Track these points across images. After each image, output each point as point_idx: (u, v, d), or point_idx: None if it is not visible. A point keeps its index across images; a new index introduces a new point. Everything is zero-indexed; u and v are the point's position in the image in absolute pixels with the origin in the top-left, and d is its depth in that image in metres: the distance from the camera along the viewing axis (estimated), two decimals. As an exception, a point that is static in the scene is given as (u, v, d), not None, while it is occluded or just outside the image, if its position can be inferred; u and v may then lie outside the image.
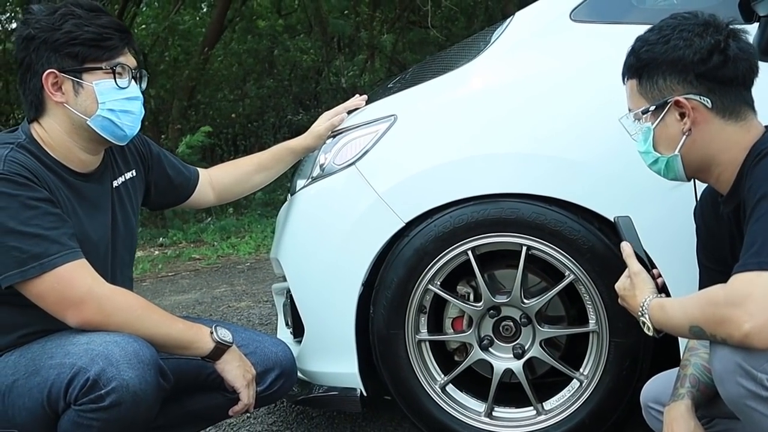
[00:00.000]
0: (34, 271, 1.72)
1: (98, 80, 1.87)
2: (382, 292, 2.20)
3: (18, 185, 1.74)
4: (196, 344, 1.88)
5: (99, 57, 1.86)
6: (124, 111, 1.90)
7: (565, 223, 2.05)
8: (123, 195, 2.07)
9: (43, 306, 1.77)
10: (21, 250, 1.72)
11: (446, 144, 2.16)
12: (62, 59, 1.84)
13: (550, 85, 2.12)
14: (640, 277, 1.70)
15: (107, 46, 1.87)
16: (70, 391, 1.67)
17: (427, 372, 2.24)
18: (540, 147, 2.07)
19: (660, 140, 1.62)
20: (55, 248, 1.74)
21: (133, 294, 1.86)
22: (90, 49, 1.85)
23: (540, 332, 2.18)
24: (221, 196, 2.42)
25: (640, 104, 1.64)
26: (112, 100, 1.88)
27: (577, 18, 2.12)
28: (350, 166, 2.23)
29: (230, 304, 4.84)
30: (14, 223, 1.72)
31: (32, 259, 1.72)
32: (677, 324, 1.54)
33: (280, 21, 13.71)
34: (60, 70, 1.84)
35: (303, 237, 2.34)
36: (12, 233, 1.72)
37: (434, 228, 2.13)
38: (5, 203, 1.72)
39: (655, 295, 1.64)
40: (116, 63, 1.88)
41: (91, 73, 1.86)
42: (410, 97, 2.29)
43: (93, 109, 1.87)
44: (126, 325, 1.77)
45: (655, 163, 1.65)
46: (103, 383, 1.64)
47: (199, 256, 6.90)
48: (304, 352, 2.33)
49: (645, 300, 1.65)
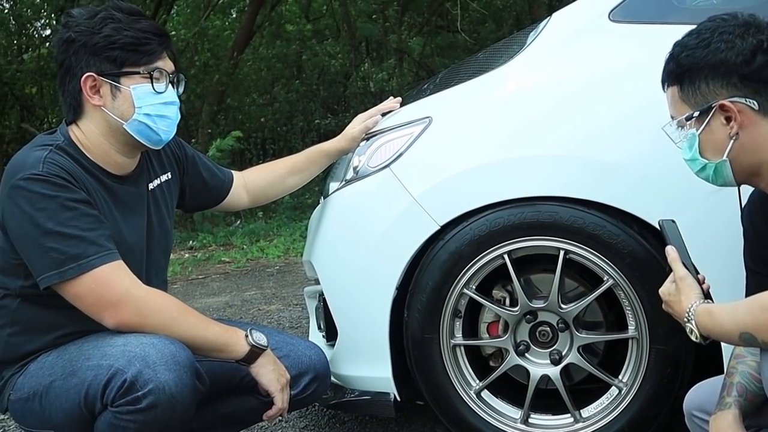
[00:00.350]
0: (72, 272, 1.73)
1: (135, 84, 1.87)
2: (417, 295, 2.17)
3: (57, 186, 1.75)
4: (231, 347, 1.87)
5: (137, 61, 1.87)
6: (161, 116, 1.90)
7: (604, 226, 2.01)
8: (158, 197, 2.07)
9: (80, 307, 1.77)
10: (59, 251, 1.72)
11: (483, 146, 2.13)
12: (101, 63, 1.84)
13: (589, 86, 2.08)
14: (686, 281, 1.64)
15: (145, 50, 1.87)
16: (107, 392, 1.67)
17: (462, 377, 2.22)
18: (578, 149, 2.04)
19: (706, 146, 1.57)
20: (93, 249, 1.75)
21: (169, 296, 1.86)
22: (128, 54, 1.85)
23: (578, 338, 2.14)
24: (255, 198, 2.42)
25: (682, 111, 1.59)
26: (149, 104, 1.88)
27: (615, 18, 2.08)
28: (385, 169, 2.22)
29: (260, 307, 4.84)
30: (53, 224, 1.72)
31: (70, 260, 1.73)
32: (726, 330, 1.50)
33: (309, 26, 13.77)
34: (98, 73, 1.85)
35: (336, 240, 2.33)
36: (51, 234, 1.72)
37: (470, 231, 2.11)
38: (44, 204, 1.73)
39: (702, 301, 1.59)
40: (154, 67, 1.88)
41: (128, 77, 1.87)
42: (445, 99, 2.27)
43: (130, 113, 1.88)
44: (162, 326, 1.77)
45: (702, 170, 1.60)
46: (140, 385, 1.64)
47: (229, 259, 6.93)
48: (338, 355, 2.32)
49: (691, 306, 1.60)
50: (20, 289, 1.85)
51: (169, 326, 1.78)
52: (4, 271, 1.88)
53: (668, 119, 1.93)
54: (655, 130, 1.97)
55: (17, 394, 1.87)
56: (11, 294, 1.89)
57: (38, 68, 9.97)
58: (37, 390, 1.82)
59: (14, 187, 1.76)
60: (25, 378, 1.87)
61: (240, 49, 10.91)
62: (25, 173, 1.75)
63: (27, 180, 1.74)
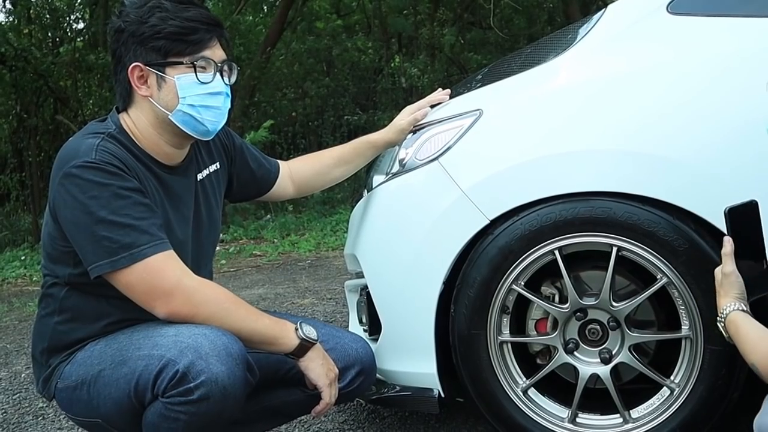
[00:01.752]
0: (124, 261, 1.72)
1: (180, 74, 1.85)
2: (464, 291, 2.14)
3: (110, 174, 1.74)
4: (281, 340, 1.85)
5: (182, 51, 1.85)
6: (205, 106, 1.88)
7: (659, 223, 1.97)
8: (207, 188, 2.06)
9: (131, 296, 1.76)
10: (111, 240, 1.71)
11: (534, 140, 2.09)
12: (147, 53, 1.83)
13: (645, 79, 2.03)
14: (730, 279, 1.67)
15: (191, 40, 1.85)
16: (158, 383, 1.65)
17: (509, 374, 2.18)
18: (633, 144, 1.99)
19: None
20: (145, 238, 1.73)
21: (220, 287, 1.84)
22: (173, 43, 1.83)
23: (629, 337, 2.09)
24: (301, 189, 2.40)
25: None
26: (193, 95, 1.86)
27: (674, 10, 2.03)
28: (433, 162, 2.18)
29: (294, 300, 4.83)
30: (105, 212, 1.71)
31: (123, 249, 1.71)
32: (743, 351, 1.55)
33: (339, 21, 13.76)
34: (145, 63, 1.84)
35: (383, 233, 2.30)
36: (103, 222, 1.71)
37: (520, 226, 2.07)
38: (97, 192, 1.72)
39: (738, 305, 1.62)
40: (199, 57, 1.86)
41: (173, 67, 1.85)
42: (496, 91, 2.23)
43: (174, 103, 1.86)
44: (213, 317, 1.75)
45: None
46: (192, 376, 1.62)
47: (260, 253, 6.95)
48: (381, 350, 2.29)
49: (727, 307, 1.64)
50: (69, 276, 1.84)
51: (220, 317, 1.76)
52: (53, 259, 1.88)
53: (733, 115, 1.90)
54: (715, 126, 1.95)
55: (64, 383, 1.87)
56: (59, 282, 1.89)
57: (73, 60, 10.03)
58: (85, 378, 1.81)
59: (67, 175, 1.75)
60: (72, 366, 1.87)
61: (272, 43, 10.93)
62: (78, 161, 1.74)
63: (80, 168, 1.74)
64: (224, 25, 1.96)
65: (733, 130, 1.92)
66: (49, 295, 1.92)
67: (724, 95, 1.95)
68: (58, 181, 1.77)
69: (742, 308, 1.64)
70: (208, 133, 1.93)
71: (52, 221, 1.83)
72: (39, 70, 9.59)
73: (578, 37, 2.18)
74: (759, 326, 1.59)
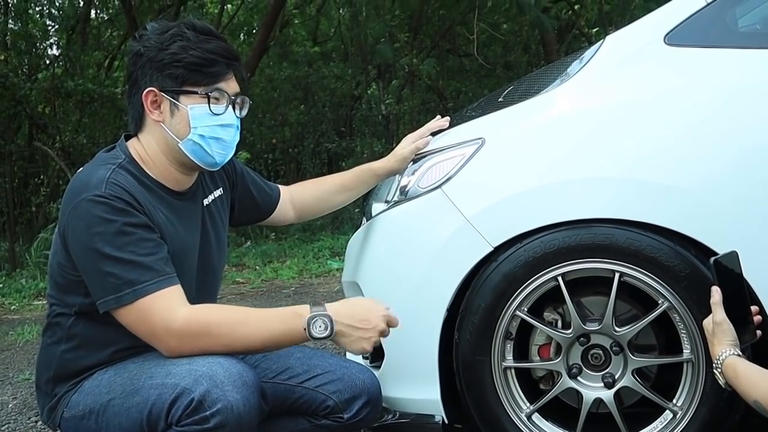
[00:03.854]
0: (128, 297, 1.73)
1: (193, 104, 1.87)
2: (468, 317, 2.16)
3: (116, 210, 1.74)
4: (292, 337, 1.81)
5: (198, 81, 1.87)
6: (215, 138, 1.90)
7: (661, 249, 2.01)
8: (213, 213, 2.08)
9: (134, 331, 1.78)
10: (116, 276, 1.73)
11: (537, 167, 2.12)
12: (163, 79, 1.85)
13: (643, 109, 2.08)
14: (722, 327, 1.72)
15: (209, 72, 1.87)
16: (172, 411, 1.65)
17: (513, 400, 2.20)
18: (635, 171, 2.03)
19: None
20: (150, 275, 1.74)
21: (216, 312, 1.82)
22: (191, 73, 1.85)
23: (632, 361, 2.12)
24: (301, 214, 2.42)
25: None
26: (204, 125, 1.88)
27: (671, 42, 2.09)
28: (436, 189, 2.21)
29: (281, 328, 4.81)
30: (110, 248, 1.73)
31: (126, 285, 1.73)
32: (743, 391, 1.58)
33: (316, 48, 13.82)
34: (160, 89, 1.86)
35: (385, 261, 2.31)
36: (108, 258, 1.73)
37: (524, 253, 2.10)
38: (103, 228, 1.73)
39: (732, 351, 1.67)
40: (214, 88, 1.88)
41: (188, 96, 1.87)
42: (498, 119, 2.27)
43: (185, 132, 1.88)
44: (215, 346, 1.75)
45: None
46: (208, 404, 1.62)
47: (243, 280, 6.91)
48: (384, 377, 2.29)
49: (722, 354, 1.69)
50: (80, 306, 1.85)
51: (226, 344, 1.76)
52: (63, 287, 1.87)
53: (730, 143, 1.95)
54: (713, 153, 2.00)
55: (71, 412, 1.86)
56: (67, 312, 1.88)
57: (52, 87, 9.98)
58: (94, 407, 1.81)
59: (77, 207, 1.76)
60: (80, 395, 1.86)
61: (251, 70, 10.94)
62: (88, 194, 1.75)
63: (89, 201, 1.75)
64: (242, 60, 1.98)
65: (732, 159, 1.98)
66: (55, 324, 1.92)
67: (722, 124, 2.00)
68: (69, 212, 1.78)
69: (737, 353, 1.68)
70: (215, 164, 1.95)
71: (63, 250, 1.83)
72: (17, 96, 9.53)
73: (578, 67, 2.23)
74: (756, 367, 1.64)
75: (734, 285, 1.79)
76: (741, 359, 1.66)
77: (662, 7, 2.22)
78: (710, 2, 2.12)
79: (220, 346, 1.76)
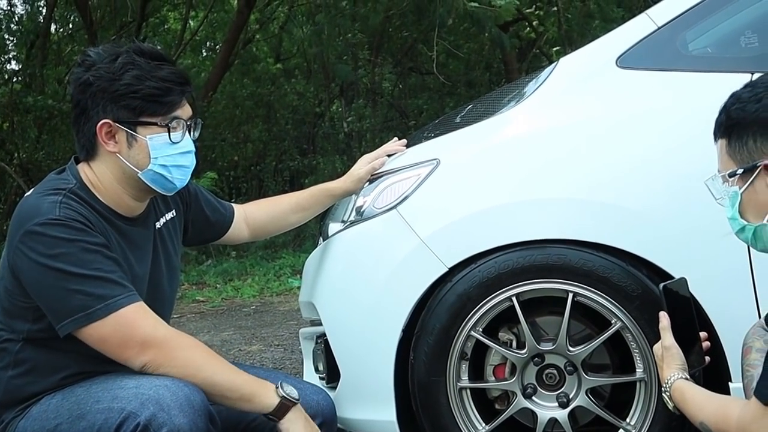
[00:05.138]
0: (100, 312, 1.70)
1: (152, 134, 1.85)
2: (424, 338, 2.16)
3: (76, 230, 1.72)
4: (259, 398, 1.80)
5: (156, 111, 1.84)
6: (176, 165, 1.89)
7: (613, 269, 2.03)
8: (165, 236, 2.05)
9: (104, 349, 1.74)
10: (85, 293, 1.70)
11: (491, 189, 2.14)
12: (119, 110, 1.82)
13: (597, 131, 2.11)
14: (670, 352, 1.74)
15: (166, 101, 1.85)
16: (118, 436, 1.62)
17: (469, 421, 2.19)
18: (588, 193, 2.06)
19: (748, 207, 1.47)
20: (119, 290, 1.73)
21: (195, 339, 1.83)
22: (149, 104, 1.83)
23: (586, 380, 2.13)
24: (256, 233, 2.41)
25: (728, 166, 1.49)
26: (165, 155, 1.86)
27: (623, 65, 2.13)
28: (391, 210, 2.21)
29: (241, 347, 4.77)
30: (76, 267, 1.70)
31: (98, 301, 1.70)
32: (690, 414, 1.62)
33: (278, 65, 13.81)
34: (115, 120, 1.82)
35: (341, 281, 2.30)
36: (75, 277, 1.70)
37: (478, 273, 2.10)
38: (65, 249, 1.70)
39: (680, 375, 1.69)
40: (172, 117, 1.86)
41: (146, 126, 1.84)
42: (453, 140, 2.28)
43: (145, 163, 1.85)
44: (189, 367, 1.74)
45: (741, 232, 1.50)
46: (154, 429, 1.60)
47: (203, 299, 6.84)
48: (340, 398, 2.28)
49: (670, 378, 1.71)
50: (28, 332, 1.81)
51: (197, 367, 1.75)
52: (11, 314, 1.83)
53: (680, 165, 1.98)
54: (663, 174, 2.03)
55: (19, 438, 1.81)
56: (15, 338, 1.84)
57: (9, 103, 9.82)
58: (41, 434, 1.76)
59: (29, 233, 1.72)
60: (27, 421, 1.81)
61: (213, 87, 10.90)
62: (41, 219, 1.72)
63: (44, 225, 1.71)
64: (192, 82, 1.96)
65: (681, 180, 2.00)
66: (2, 349, 1.87)
67: (672, 147, 2.03)
68: (19, 239, 1.74)
69: (685, 377, 1.70)
70: (174, 189, 1.94)
71: (11, 277, 1.78)
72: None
73: (531, 89, 2.25)
74: (703, 390, 1.65)
75: (683, 310, 1.81)
76: (688, 383, 1.68)
77: (615, 30, 2.26)
78: (661, 26, 2.16)
79: (192, 370, 1.74)
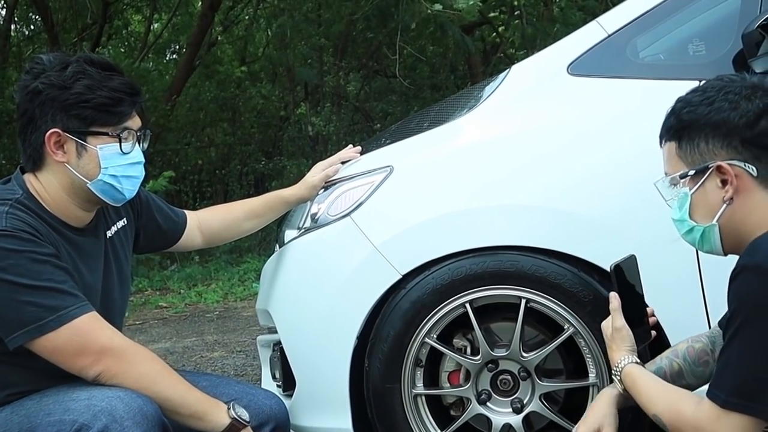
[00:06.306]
0: (53, 323, 1.67)
1: (103, 144, 1.83)
2: (378, 345, 2.16)
3: (24, 241, 1.69)
4: (210, 416, 1.79)
5: (107, 122, 1.82)
6: (126, 176, 1.87)
7: (564, 275, 2.04)
8: (116, 245, 2.03)
9: (57, 360, 1.71)
10: (36, 304, 1.67)
11: (444, 196, 2.15)
12: (68, 120, 1.79)
13: (548, 138, 2.13)
14: (621, 333, 1.74)
15: (117, 112, 1.83)
16: (71, 449, 1.59)
17: (424, 427, 2.20)
18: (539, 199, 2.07)
19: (697, 208, 1.51)
20: (71, 300, 1.70)
21: (150, 351, 1.81)
22: (100, 114, 1.81)
23: (540, 386, 2.15)
24: (209, 240, 2.39)
25: (677, 168, 1.53)
26: (115, 165, 1.84)
27: (574, 72, 2.15)
28: (345, 217, 2.21)
29: (202, 354, 4.73)
30: (25, 279, 1.67)
31: (50, 312, 1.67)
32: (642, 402, 1.61)
33: (243, 68, 13.73)
34: (64, 130, 1.79)
35: (296, 288, 2.30)
36: (25, 288, 1.67)
37: (432, 280, 2.11)
38: (13, 260, 1.67)
39: (632, 358, 1.69)
40: (123, 128, 1.84)
41: (96, 136, 1.82)
42: (406, 148, 2.29)
43: (95, 173, 1.83)
44: (143, 379, 1.72)
45: (689, 233, 1.54)
46: None
47: (166, 304, 6.78)
48: (296, 406, 2.27)
49: (621, 360, 1.70)
50: None
51: (152, 380, 1.73)
52: None
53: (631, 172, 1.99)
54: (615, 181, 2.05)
55: (-36, 454, 1.78)
56: None
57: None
58: (-11, 449, 1.73)
59: None
60: (-27, 437, 1.78)
61: (177, 91, 10.81)
62: None
63: None
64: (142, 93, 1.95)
65: (632, 186, 2.02)
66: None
67: (621, 153, 2.05)
68: None
69: (635, 361, 1.71)
70: (123, 200, 1.92)
71: None
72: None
73: (483, 96, 2.26)
74: (656, 379, 1.65)
75: (632, 288, 1.82)
76: (640, 368, 1.67)
77: (566, 37, 2.28)
78: (611, 33, 2.18)
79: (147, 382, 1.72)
